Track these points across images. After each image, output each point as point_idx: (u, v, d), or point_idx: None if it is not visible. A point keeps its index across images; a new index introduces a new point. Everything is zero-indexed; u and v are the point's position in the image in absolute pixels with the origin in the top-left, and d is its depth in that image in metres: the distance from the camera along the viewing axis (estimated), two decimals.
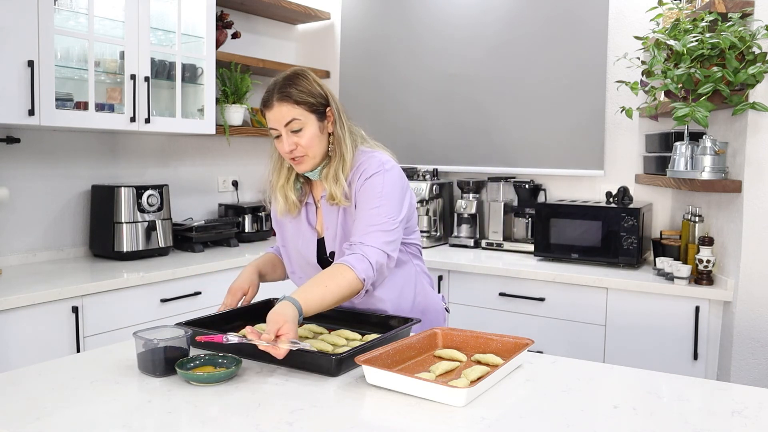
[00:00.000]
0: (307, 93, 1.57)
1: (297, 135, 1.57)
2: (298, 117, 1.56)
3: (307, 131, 1.57)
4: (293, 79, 1.58)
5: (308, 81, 1.59)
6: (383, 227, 1.56)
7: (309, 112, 1.57)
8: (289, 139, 1.57)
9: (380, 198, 1.58)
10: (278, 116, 1.56)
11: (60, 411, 1.16)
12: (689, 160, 2.38)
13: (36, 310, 2.14)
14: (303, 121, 1.56)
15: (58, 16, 2.47)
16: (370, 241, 1.54)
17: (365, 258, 1.52)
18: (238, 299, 1.72)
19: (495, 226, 3.21)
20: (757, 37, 2.13)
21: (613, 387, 1.34)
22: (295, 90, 1.56)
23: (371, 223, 1.56)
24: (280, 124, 1.57)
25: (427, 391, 1.19)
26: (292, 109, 1.56)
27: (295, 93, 1.56)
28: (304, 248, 1.73)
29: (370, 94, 3.68)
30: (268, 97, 1.58)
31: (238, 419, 1.12)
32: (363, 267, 1.51)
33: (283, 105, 1.56)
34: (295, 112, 1.56)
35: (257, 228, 3.40)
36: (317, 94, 1.59)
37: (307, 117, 1.57)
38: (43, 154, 2.73)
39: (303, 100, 1.56)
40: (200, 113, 3.06)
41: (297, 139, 1.57)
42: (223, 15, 3.27)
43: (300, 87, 1.57)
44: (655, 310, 2.43)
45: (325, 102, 1.61)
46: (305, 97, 1.57)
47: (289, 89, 1.56)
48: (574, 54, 3.08)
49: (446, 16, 3.41)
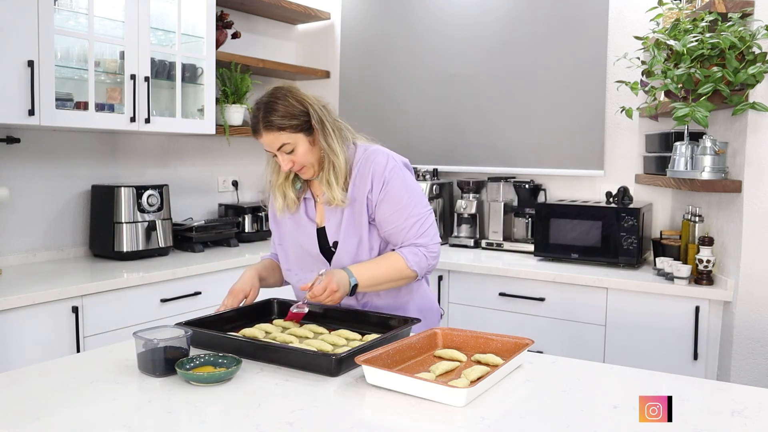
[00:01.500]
0: (289, 116, 1.61)
1: (291, 154, 1.64)
2: (286, 141, 1.62)
3: (299, 149, 1.64)
4: (273, 105, 1.62)
5: (287, 102, 1.62)
6: (426, 223, 1.68)
7: (295, 133, 1.62)
8: (284, 159, 1.64)
9: (411, 197, 1.68)
10: (268, 143, 1.64)
11: (60, 411, 1.16)
12: (689, 160, 2.38)
13: (36, 310, 2.14)
14: (293, 143, 1.62)
15: (58, 16, 2.47)
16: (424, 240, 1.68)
17: (420, 252, 1.66)
18: (240, 301, 1.73)
19: (495, 226, 3.21)
20: (757, 37, 2.13)
21: (613, 387, 1.34)
22: (277, 117, 1.60)
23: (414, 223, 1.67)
24: (273, 149, 1.64)
25: (427, 391, 1.19)
26: (279, 135, 1.61)
27: (277, 121, 1.60)
28: (305, 240, 1.75)
29: (370, 94, 3.68)
30: (254, 124, 1.64)
31: (238, 419, 1.12)
32: (416, 260, 1.66)
33: (269, 134, 1.62)
34: (283, 137, 1.61)
35: (257, 228, 3.40)
36: (299, 113, 1.63)
37: (295, 137, 1.63)
38: (43, 154, 2.73)
39: (287, 125, 1.61)
40: (200, 113, 3.06)
41: (292, 157, 1.64)
42: (223, 15, 3.27)
43: (281, 112, 1.61)
44: (655, 310, 2.43)
45: (308, 117, 1.64)
46: (287, 121, 1.61)
47: (271, 117, 1.61)
48: (574, 54, 3.08)
49: (446, 16, 3.41)
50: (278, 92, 1.65)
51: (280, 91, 1.65)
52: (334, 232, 1.71)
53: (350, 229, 1.69)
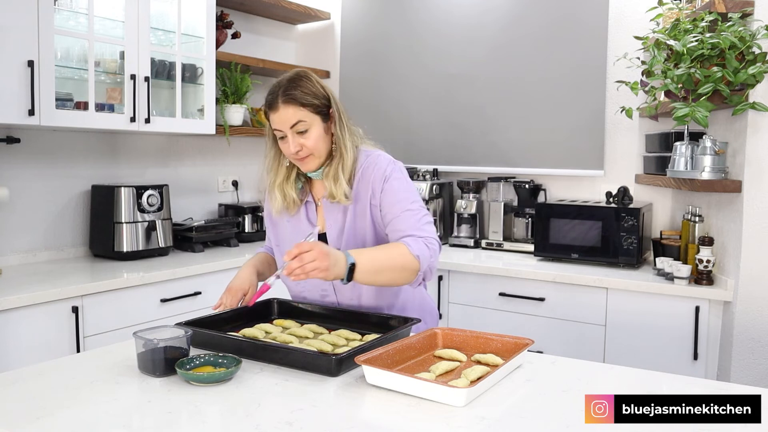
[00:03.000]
0: (312, 95, 1.58)
1: (303, 136, 1.59)
2: (303, 119, 1.57)
3: (313, 132, 1.59)
4: (297, 81, 1.59)
5: (311, 82, 1.60)
6: (424, 219, 1.64)
7: (314, 114, 1.59)
8: (294, 140, 1.58)
9: (409, 194, 1.65)
10: (284, 118, 1.57)
11: (60, 411, 1.16)
12: (689, 160, 2.38)
13: (36, 310, 2.14)
14: (308, 122, 1.58)
15: (58, 16, 2.47)
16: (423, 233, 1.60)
17: (422, 241, 1.58)
18: (239, 299, 1.72)
19: (495, 226, 3.21)
20: (757, 37, 2.13)
21: (613, 387, 1.34)
22: (300, 92, 1.57)
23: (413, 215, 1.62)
24: (286, 126, 1.58)
25: (427, 391, 1.19)
26: (297, 111, 1.56)
27: (300, 95, 1.56)
28: None
29: (370, 94, 3.68)
30: (272, 99, 1.59)
31: (238, 419, 1.12)
32: (418, 247, 1.57)
33: (288, 107, 1.56)
34: (301, 114, 1.57)
35: (257, 228, 3.40)
36: (321, 96, 1.60)
37: (312, 118, 1.58)
38: (43, 154, 2.73)
39: (308, 102, 1.57)
40: (200, 113, 3.06)
41: (303, 141, 1.59)
42: (223, 15, 3.27)
43: (304, 89, 1.58)
44: (655, 310, 2.43)
45: (328, 103, 1.62)
46: (310, 98, 1.58)
47: (293, 91, 1.57)
48: (574, 54, 3.08)
49: (446, 16, 3.41)
50: (302, 73, 1.62)
51: (305, 72, 1.63)
52: (336, 239, 1.68)
53: (352, 237, 1.66)
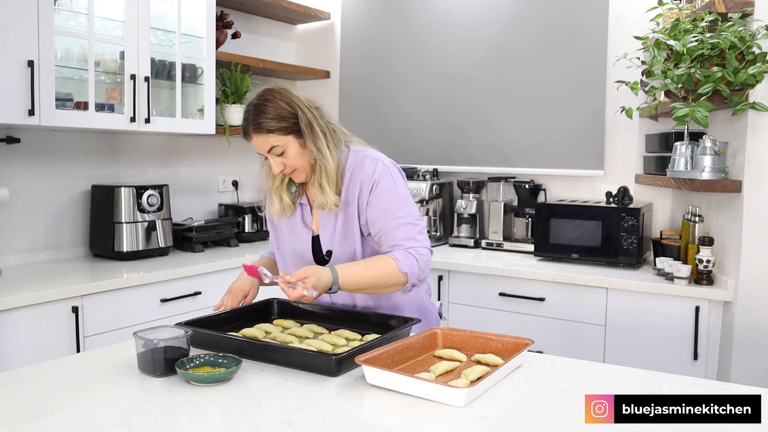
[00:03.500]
0: (278, 118, 1.59)
1: (281, 157, 1.62)
2: (275, 143, 1.60)
3: (290, 152, 1.62)
4: (262, 107, 1.60)
5: (276, 104, 1.60)
6: (418, 227, 1.64)
7: (285, 135, 1.60)
8: (275, 161, 1.62)
9: (399, 200, 1.64)
10: (258, 145, 1.62)
11: (60, 411, 1.16)
12: (689, 160, 2.38)
13: (36, 310, 2.14)
14: (282, 145, 1.60)
15: (58, 16, 2.47)
16: (413, 243, 1.61)
17: (412, 255, 1.59)
18: (239, 300, 1.72)
19: (495, 226, 3.21)
20: (757, 37, 2.12)
21: (613, 387, 1.34)
22: (265, 119, 1.59)
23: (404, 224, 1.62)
24: (263, 151, 1.63)
25: (427, 391, 1.19)
26: (268, 137, 1.60)
27: (266, 123, 1.59)
28: (300, 247, 1.73)
29: (370, 94, 3.68)
30: (244, 127, 1.63)
31: (238, 419, 1.12)
32: (407, 262, 1.58)
33: (259, 136, 1.60)
34: (272, 139, 1.60)
35: (257, 228, 3.40)
36: (288, 116, 1.60)
37: (284, 140, 1.60)
38: (43, 154, 2.73)
39: (275, 127, 1.59)
40: (200, 113, 3.06)
41: (282, 160, 1.62)
42: (223, 15, 3.27)
43: (269, 115, 1.59)
44: (655, 310, 2.42)
45: (297, 120, 1.61)
46: (276, 123, 1.59)
47: (259, 119, 1.59)
48: (574, 54, 3.08)
49: (446, 16, 3.41)
50: (268, 94, 1.63)
51: (270, 92, 1.63)
52: (328, 241, 1.69)
53: (344, 238, 1.67)
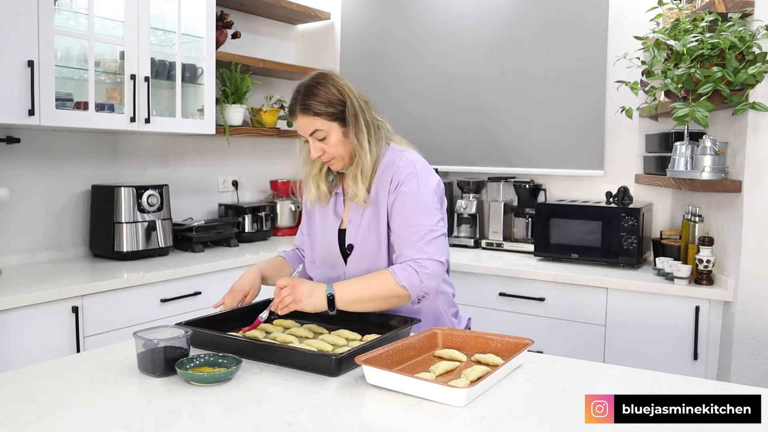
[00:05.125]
0: (327, 103, 1.60)
1: (323, 142, 1.62)
2: (320, 127, 1.61)
3: (331, 138, 1.62)
4: (313, 88, 1.61)
5: (327, 89, 1.61)
6: (427, 236, 1.58)
7: (330, 121, 1.61)
8: (315, 146, 1.63)
9: (417, 206, 1.60)
10: (302, 126, 1.63)
11: (60, 411, 1.16)
12: (689, 160, 2.38)
13: (36, 310, 2.14)
14: (325, 130, 1.61)
15: (58, 16, 2.47)
16: (419, 255, 1.56)
17: (411, 268, 1.54)
18: (239, 300, 1.73)
19: (495, 226, 3.21)
20: (757, 37, 2.12)
21: (613, 387, 1.34)
22: (315, 102, 1.60)
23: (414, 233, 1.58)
24: (305, 133, 1.64)
25: (427, 391, 1.19)
26: (313, 120, 1.60)
27: (314, 105, 1.60)
28: (327, 237, 1.75)
29: (370, 94, 3.65)
30: (291, 106, 1.64)
31: (238, 419, 1.12)
32: (405, 275, 1.54)
33: (305, 117, 1.61)
34: (317, 123, 1.60)
35: (257, 228, 3.40)
36: (337, 102, 1.62)
37: (329, 125, 1.61)
38: (43, 154, 2.73)
39: (323, 111, 1.60)
40: (200, 113, 3.06)
41: (323, 146, 1.63)
42: (223, 15, 3.27)
43: (319, 98, 1.60)
44: (655, 310, 2.42)
45: (345, 108, 1.62)
46: (324, 108, 1.60)
47: (309, 101, 1.60)
48: (574, 54, 3.08)
49: (446, 16, 3.41)
50: (321, 77, 1.64)
51: (323, 76, 1.64)
52: (353, 235, 1.69)
53: (369, 234, 1.66)
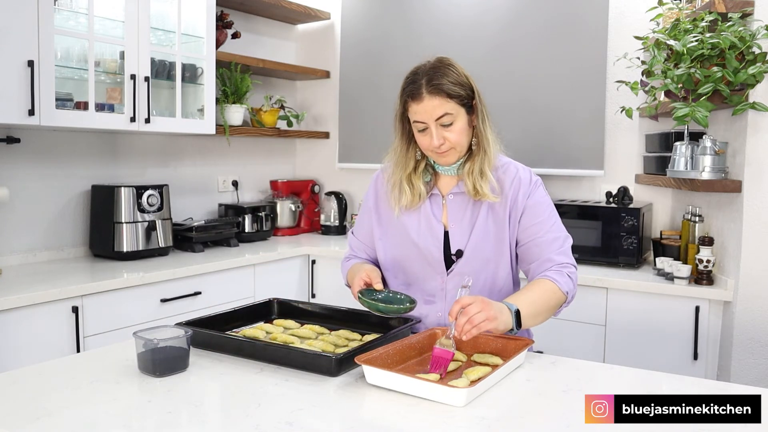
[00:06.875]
0: (459, 85, 1.48)
1: (447, 129, 1.49)
2: (449, 111, 1.47)
3: (457, 125, 1.49)
4: (443, 69, 1.49)
5: (457, 71, 1.50)
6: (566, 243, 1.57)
7: (459, 106, 1.48)
8: (438, 133, 1.48)
9: (550, 213, 1.59)
10: (429, 110, 1.47)
11: (60, 411, 1.16)
12: (689, 160, 2.38)
13: (36, 310, 2.14)
14: (454, 115, 1.48)
15: (58, 16, 2.47)
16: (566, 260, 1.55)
17: (566, 275, 1.52)
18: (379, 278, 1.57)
19: None
20: (757, 37, 2.12)
21: (613, 387, 1.34)
22: (447, 81, 1.46)
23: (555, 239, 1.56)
24: (431, 118, 1.48)
25: (427, 391, 1.19)
26: (444, 102, 1.46)
27: (447, 85, 1.46)
28: (428, 241, 1.59)
29: (370, 95, 3.67)
30: (415, 88, 1.48)
31: (238, 419, 1.12)
32: (564, 281, 1.51)
33: (434, 98, 1.46)
34: (448, 106, 1.47)
35: (257, 228, 3.40)
36: (466, 86, 1.50)
37: (458, 111, 1.48)
38: (43, 154, 2.73)
39: (455, 93, 1.47)
40: (200, 113, 3.06)
41: (446, 134, 1.49)
42: (223, 15, 3.27)
43: (450, 78, 1.47)
44: (655, 310, 2.42)
45: (473, 94, 1.52)
46: (457, 89, 1.47)
47: (440, 80, 1.46)
48: (574, 54, 3.08)
49: (446, 16, 3.41)
50: (446, 59, 1.51)
51: (448, 59, 1.52)
52: (460, 237, 1.57)
53: (481, 238, 1.56)
